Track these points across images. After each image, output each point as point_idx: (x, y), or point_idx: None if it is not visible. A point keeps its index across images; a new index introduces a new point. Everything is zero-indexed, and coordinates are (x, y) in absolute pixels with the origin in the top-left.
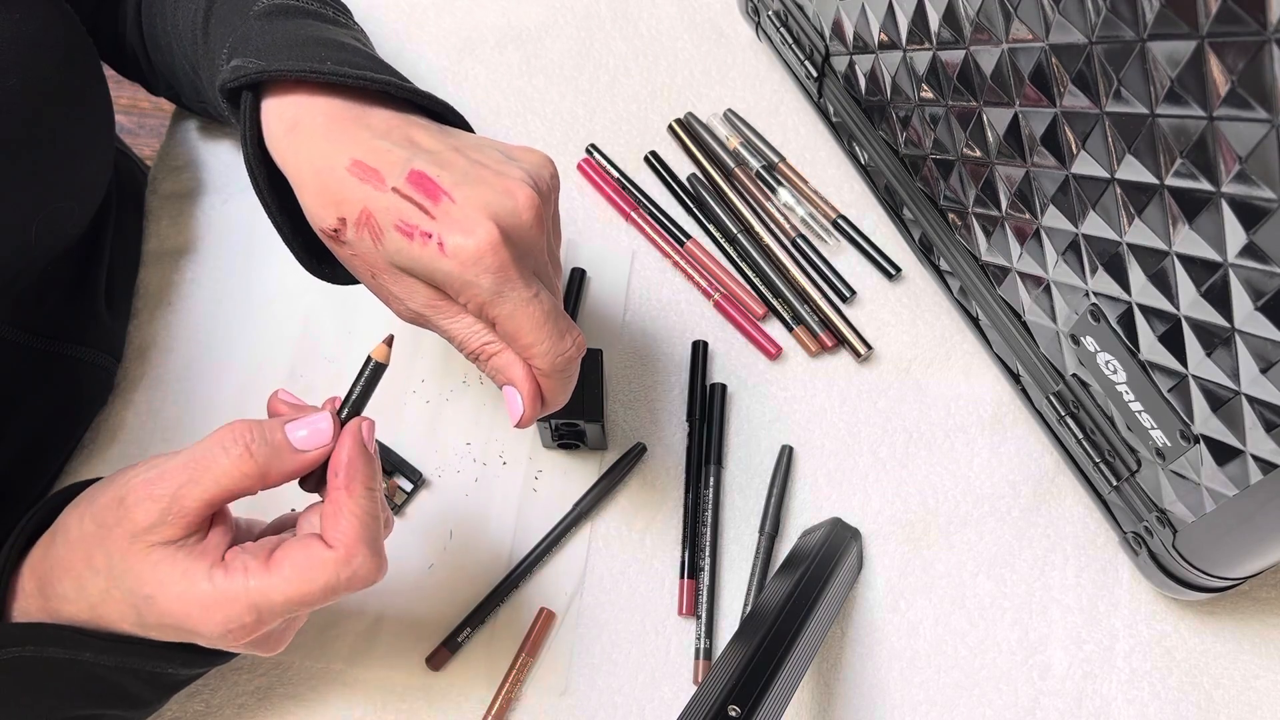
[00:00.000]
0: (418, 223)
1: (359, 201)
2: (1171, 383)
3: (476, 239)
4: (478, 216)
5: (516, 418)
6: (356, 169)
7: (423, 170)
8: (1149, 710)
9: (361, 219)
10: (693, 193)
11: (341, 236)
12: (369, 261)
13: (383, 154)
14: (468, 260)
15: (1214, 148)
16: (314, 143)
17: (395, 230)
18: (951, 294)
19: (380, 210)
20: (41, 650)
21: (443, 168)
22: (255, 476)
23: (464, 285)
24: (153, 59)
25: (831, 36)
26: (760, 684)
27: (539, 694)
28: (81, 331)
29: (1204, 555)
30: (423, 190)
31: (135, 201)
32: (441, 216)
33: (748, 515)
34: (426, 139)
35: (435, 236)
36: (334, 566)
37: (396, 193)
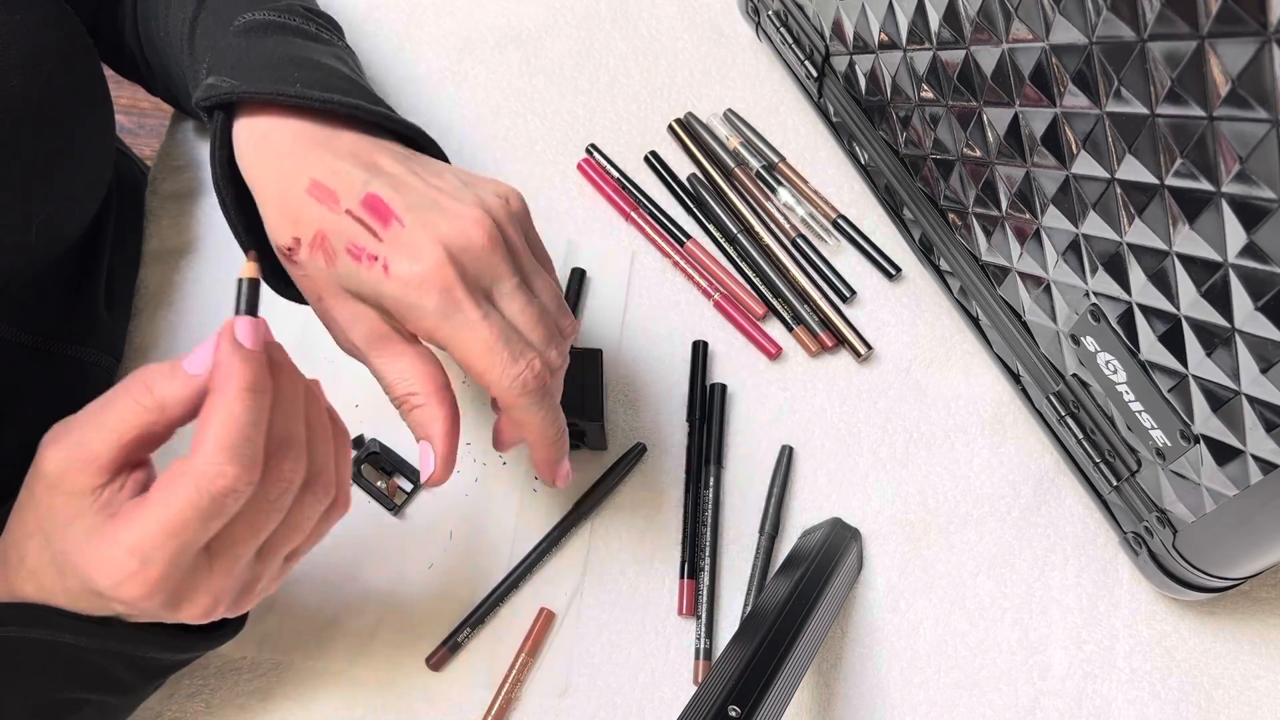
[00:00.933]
0: (365, 245)
1: (315, 222)
2: (1172, 383)
3: (422, 263)
4: (426, 240)
5: (425, 475)
6: (315, 190)
7: (377, 194)
8: (1149, 710)
9: (316, 240)
10: (693, 193)
11: (295, 256)
12: (318, 284)
13: (341, 176)
14: (411, 283)
15: (1214, 148)
16: (278, 161)
17: (346, 253)
18: (951, 294)
19: (333, 233)
20: (24, 631)
21: (398, 191)
22: (155, 409)
23: (409, 309)
24: (150, 61)
25: (831, 36)
26: (760, 684)
27: (539, 694)
28: (81, 331)
29: (1204, 555)
30: (375, 214)
31: (135, 201)
32: (389, 240)
33: (748, 515)
34: (389, 163)
35: (381, 259)
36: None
37: (350, 215)
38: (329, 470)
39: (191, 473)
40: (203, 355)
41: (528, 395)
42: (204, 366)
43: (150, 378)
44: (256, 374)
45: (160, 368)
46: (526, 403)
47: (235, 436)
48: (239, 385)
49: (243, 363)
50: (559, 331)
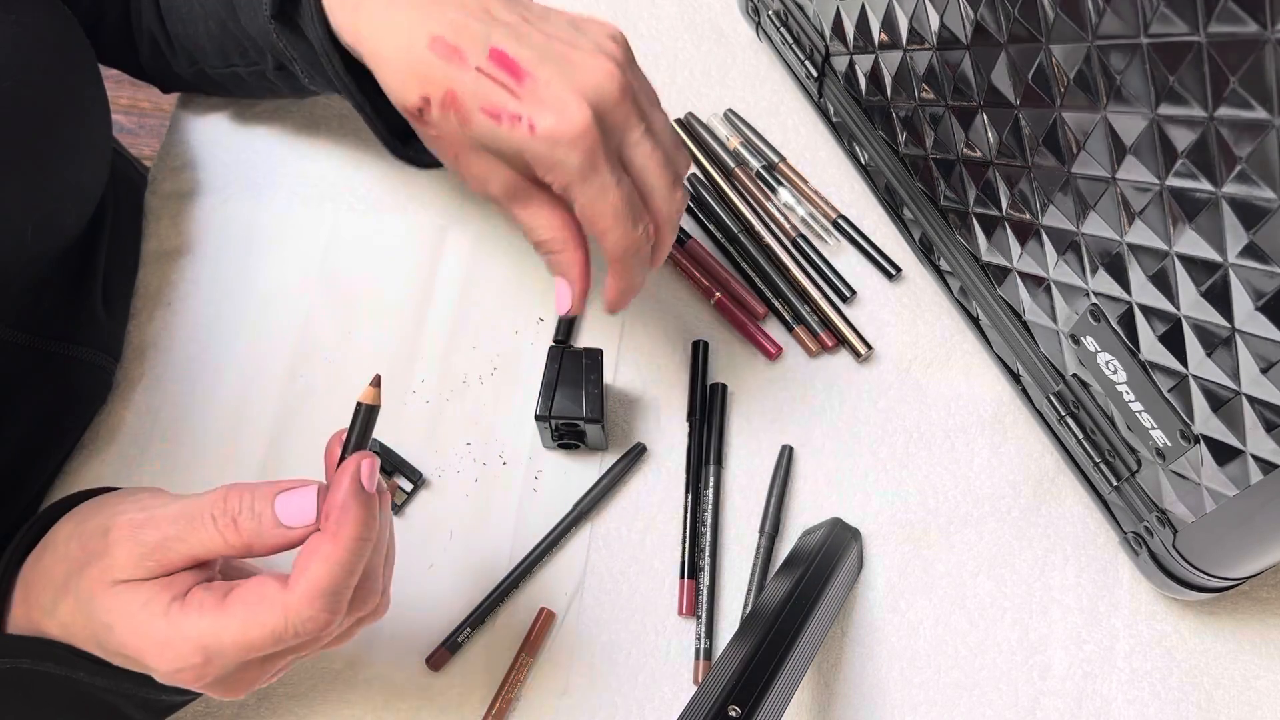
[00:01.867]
0: (505, 105)
1: (443, 81)
2: (1172, 383)
3: (570, 119)
4: (567, 95)
5: (563, 308)
6: (437, 46)
7: (502, 48)
8: (1149, 710)
9: (447, 100)
10: (693, 193)
11: (426, 116)
12: (452, 142)
13: (461, 28)
14: (560, 140)
15: (1214, 148)
16: (388, 16)
17: (482, 113)
18: (951, 294)
19: (466, 92)
20: (38, 664)
21: (520, 43)
22: (240, 548)
23: (553, 164)
24: (171, 32)
25: (832, 36)
26: (760, 684)
27: (539, 694)
28: (78, 331)
29: (1204, 555)
30: (505, 68)
31: (132, 202)
32: (528, 97)
33: (748, 515)
34: (499, 8)
35: (525, 119)
36: (282, 610)
37: (480, 72)
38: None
39: (284, 607)
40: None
41: (637, 257)
42: (299, 521)
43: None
44: (371, 525)
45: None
46: (636, 261)
47: (338, 585)
48: (353, 535)
49: (361, 510)
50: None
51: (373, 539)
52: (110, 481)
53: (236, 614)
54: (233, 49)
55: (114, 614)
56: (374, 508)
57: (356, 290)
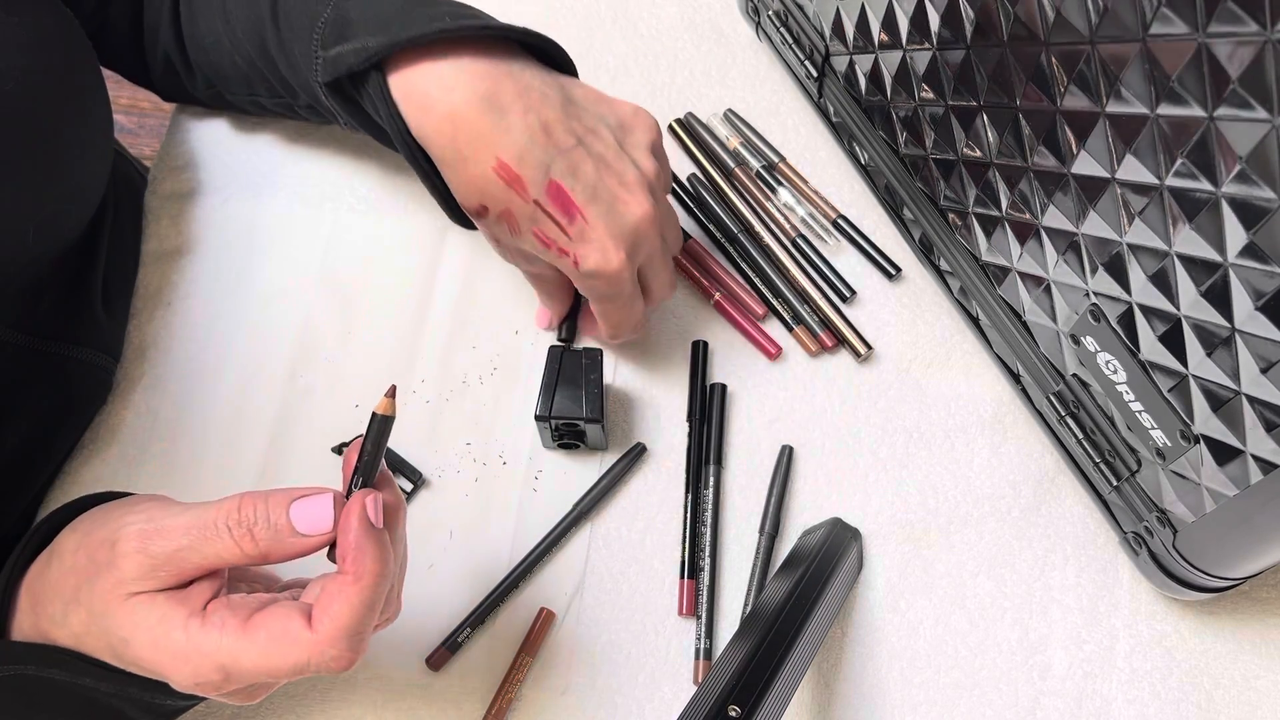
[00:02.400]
0: (556, 240)
1: (503, 202)
2: (1172, 383)
3: (609, 263)
4: (610, 241)
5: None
6: (501, 170)
7: (560, 183)
8: (1149, 710)
9: (504, 215)
10: (693, 193)
11: (483, 217)
12: (499, 241)
13: (525, 159)
14: (598, 277)
15: (1214, 147)
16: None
17: (533, 236)
18: (951, 294)
19: (523, 217)
20: (43, 670)
21: (576, 178)
22: (257, 558)
23: (587, 289)
24: (192, 59)
25: (831, 36)
26: (760, 684)
27: (539, 694)
28: (78, 331)
29: (1204, 555)
30: (559, 206)
31: (132, 202)
32: (577, 238)
33: (748, 515)
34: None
35: (571, 255)
36: (308, 650)
37: (538, 206)
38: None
39: (309, 645)
40: (316, 515)
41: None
42: (316, 529)
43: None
44: (388, 560)
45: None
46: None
47: (360, 625)
48: (374, 573)
49: (376, 548)
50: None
51: (390, 573)
52: (110, 481)
53: (259, 641)
54: (259, 83)
55: (130, 628)
56: (387, 542)
57: (356, 290)
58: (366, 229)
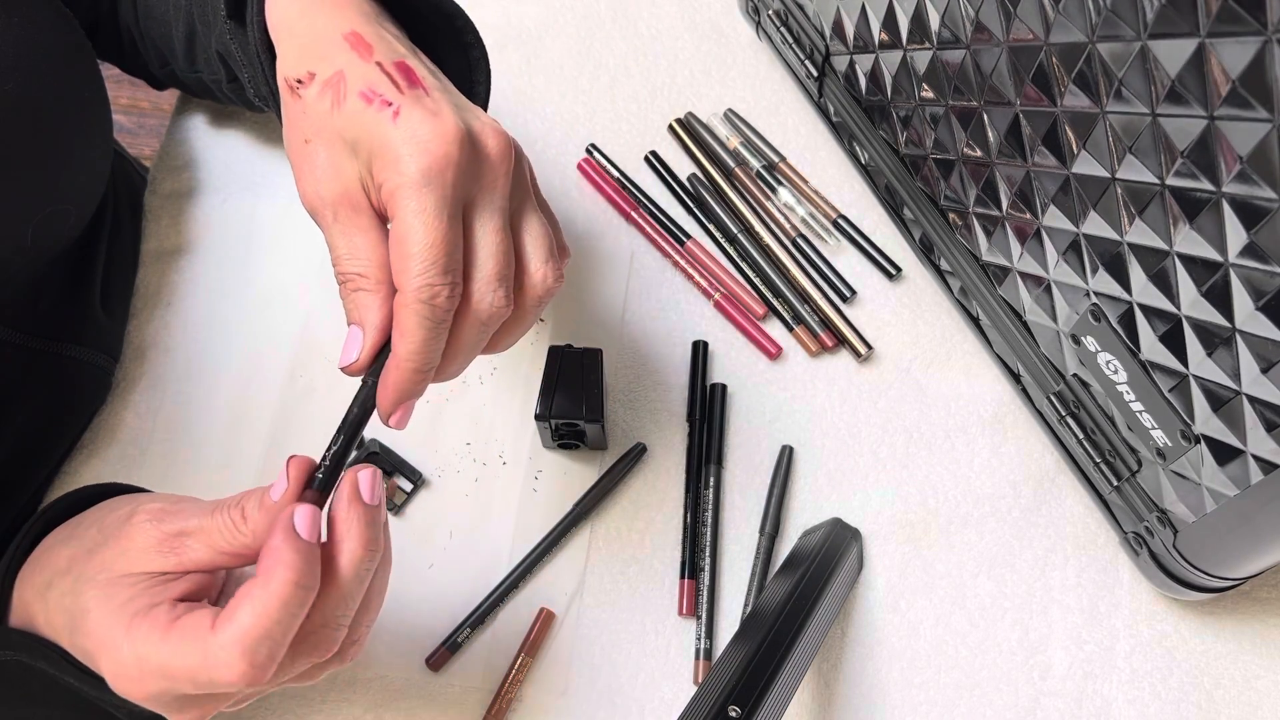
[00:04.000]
0: (384, 92)
1: (338, 65)
2: (1172, 383)
3: (435, 126)
4: (447, 111)
5: (346, 361)
6: (352, 37)
7: (411, 66)
8: (1150, 710)
9: (332, 79)
10: (693, 193)
11: (302, 89)
12: (313, 124)
13: (383, 37)
14: (415, 138)
15: (1215, 147)
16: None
17: (358, 95)
18: (952, 294)
19: (354, 76)
20: (34, 660)
21: (434, 75)
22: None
23: (394, 159)
24: (145, 32)
25: (832, 36)
26: (760, 684)
27: (539, 694)
28: (78, 331)
29: (1205, 555)
30: (404, 74)
31: (131, 202)
32: (409, 94)
33: (748, 515)
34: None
35: (395, 106)
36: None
37: (379, 67)
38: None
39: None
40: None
41: (429, 312)
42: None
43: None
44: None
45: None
46: (421, 316)
47: (261, 634)
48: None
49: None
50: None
51: (312, 587)
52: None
53: (171, 641)
54: (199, 55)
55: (97, 602)
56: (312, 554)
57: None
58: None
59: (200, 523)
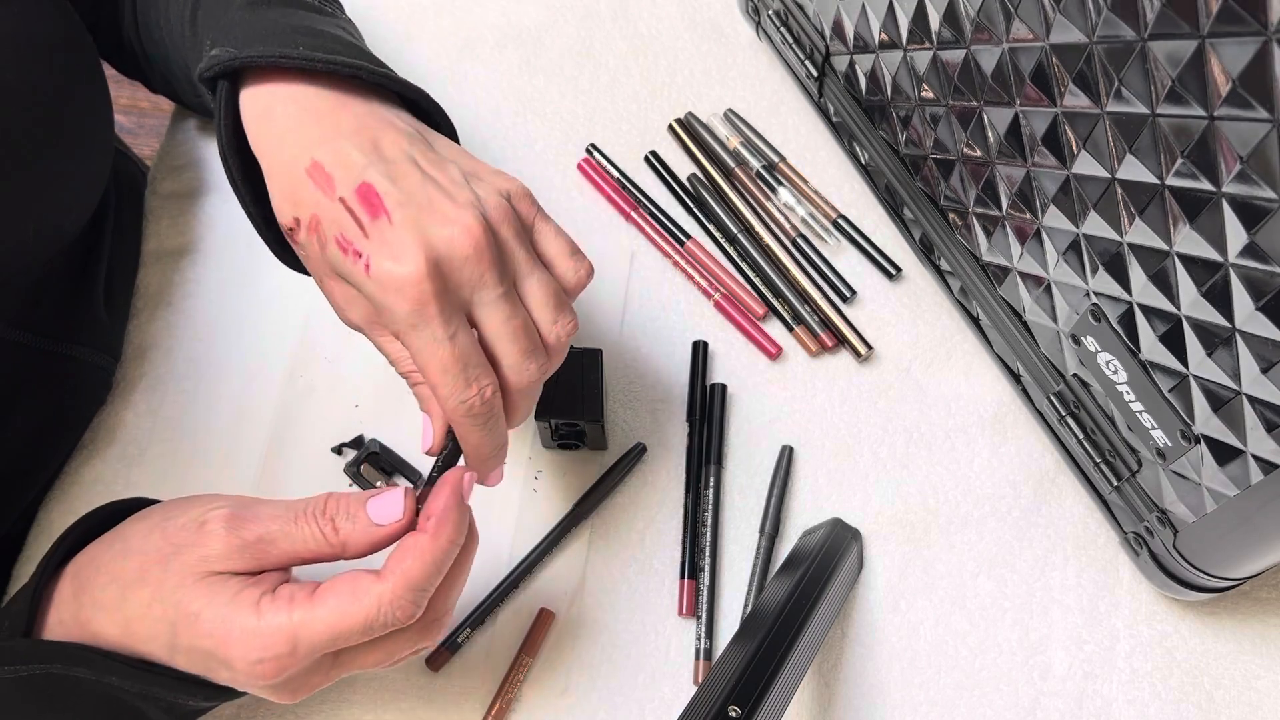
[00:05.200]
0: (352, 240)
1: (310, 206)
2: (1172, 383)
3: (401, 266)
4: (410, 243)
5: (425, 447)
6: (314, 171)
7: (372, 184)
8: (1149, 711)
9: (311, 223)
10: (693, 193)
11: (295, 236)
12: (316, 265)
13: (341, 159)
14: (389, 287)
15: (1215, 147)
16: (284, 135)
17: (334, 242)
18: (952, 294)
19: (327, 220)
20: (69, 669)
21: (394, 182)
22: (337, 547)
23: (382, 309)
24: (148, 53)
25: (832, 36)
26: (760, 684)
27: (539, 694)
28: (79, 331)
29: (1205, 555)
30: (366, 205)
31: (134, 201)
32: (375, 237)
33: (748, 515)
34: (391, 143)
35: (365, 257)
36: (377, 599)
37: (342, 203)
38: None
39: (378, 596)
40: (390, 507)
41: (471, 418)
42: (389, 519)
43: (337, 517)
44: (463, 532)
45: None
46: (468, 423)
47: (426, 580)
48: (449, 537)
49: (459, 517)
50: (543, 342)
51: (459, 545)
52: (110, 481)
53: (329, 603)
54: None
55: (203, 603)
56: (467, 519)
57: None
58: None
59: (283, 529)
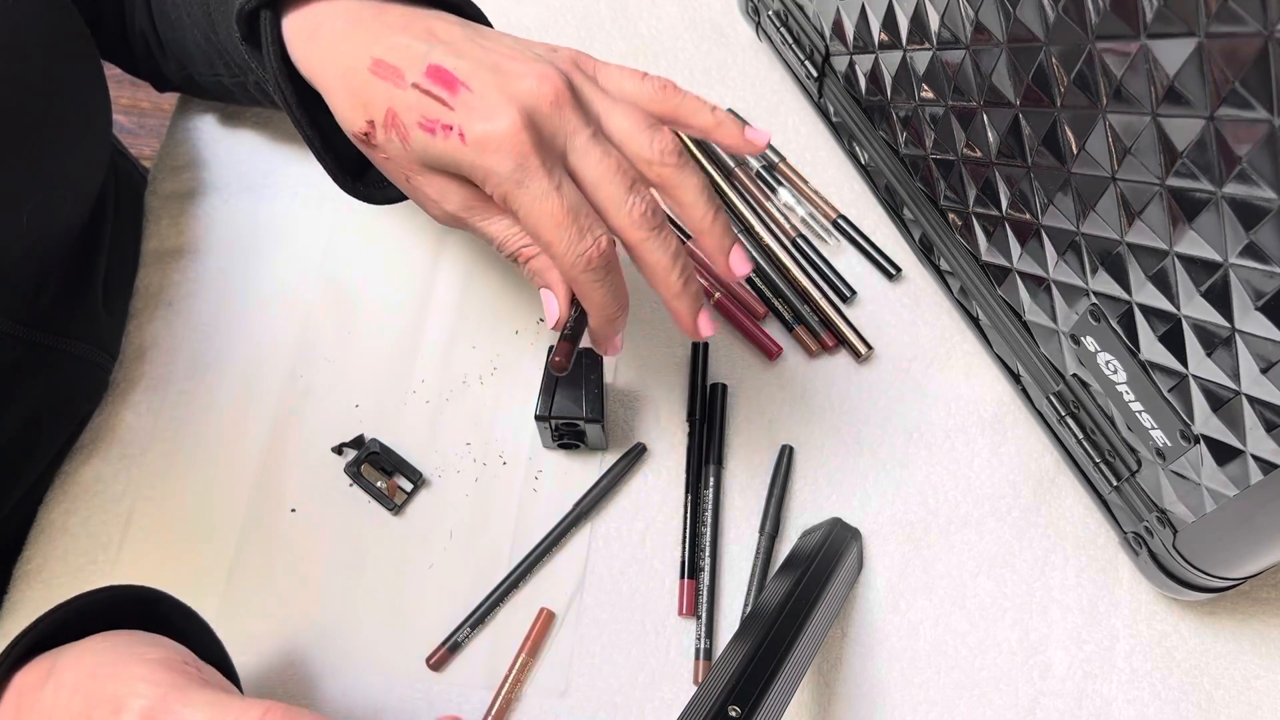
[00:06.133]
0: (438, 116)
1: (384, 101)
2: (1172, 383)
3: (497, 123)
4: (498, 101)
5: (553, 320)
6: (377, 68)
7: (439, 63)
8: (1149, 710)
9: (388, 119)
10: None
11: (372, 139)
12: (401, 164)
13: (402, 50)
14: (488, 147)
15: (1215, 147)
16: (336, 46)
17: (419, 127)
18: (951, 294)
19: (403, 108)
20: None
21: (460, 57)
22: None
23: (486, 174)
24: (163, 37)
25: (832, 36)
26: (760, 684)
27: (539, 694)
28: (78, 327)
29: (1204, 555)
30: (441, 82)
31: (134, 202)
32: (460, 107)
33: (748, 515)
34: (444, 30)
35: (455, 127)
36: None
37: (416, 88)
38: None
39: None
40: None
41: (590, 272)
42: None
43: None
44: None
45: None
46: (589, 278)
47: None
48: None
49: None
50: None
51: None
52: (110, 481)
53: None
54: (217, 59)
55: None
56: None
57: (356, 290)
58: (366, 229)
59: None
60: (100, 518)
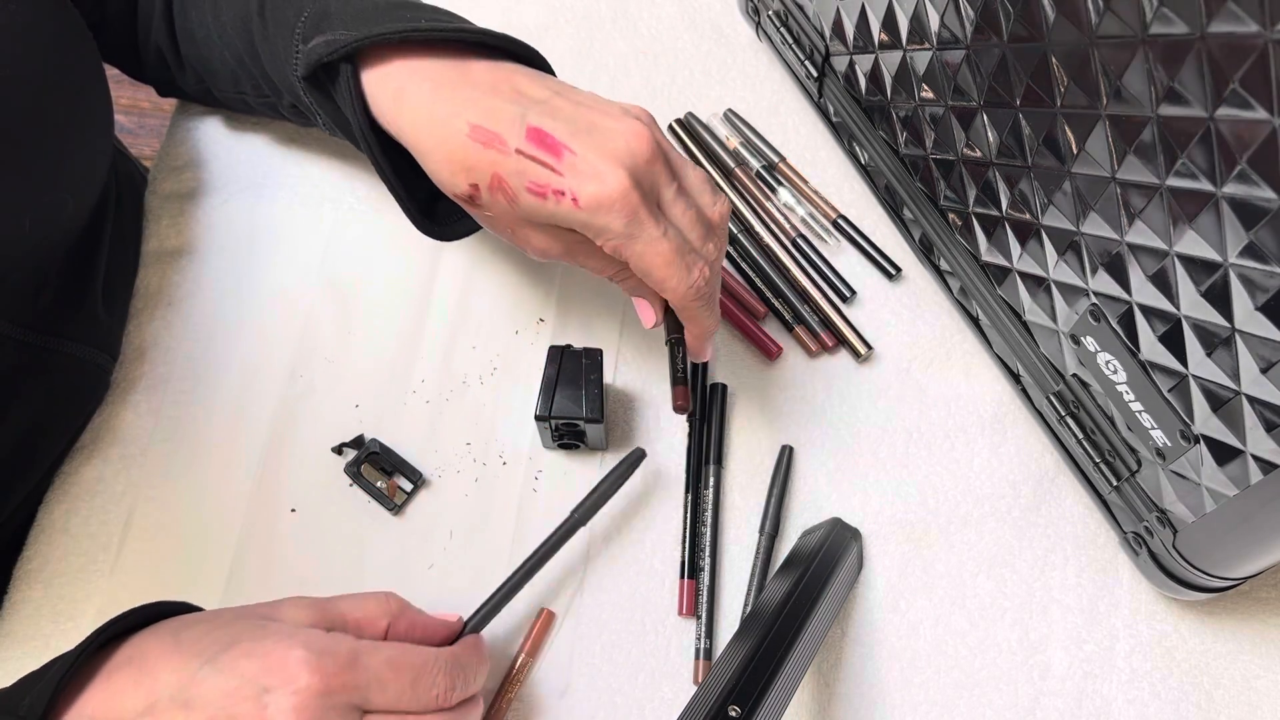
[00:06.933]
0: (548, 182)
1: (488, 167)
2: (1172, 383)
3: (608, 186)
4: (602, 162)
5: (649, 324)
6: (477, 134)
7: (538, 125)
8: (1149, 710)
9: (494, 184)
10: None
11: (477, 200)
12: (505, 220)
13: (497, 114)
14: (602, 209)
15: (1215, 147)
16: (428, 109)
17: (528, 192)
18: (951, 294)
19: (510, 174)
20: None
21: (555, 118)
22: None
23: (599, 231)
24: (184, 53)
25: (831, 36)
26: (760, 684)
27: (539, 694)
28: (78, 328)
29: (1204, 555)
30: (544, 147)
31: (133, 202)
32: (568, 171)
33: (748, 515)
34: (530, 88)
35: (568, 193)
36: None
37: (521, 154)
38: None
39: None
40: None
41: (700, 300)
42: None
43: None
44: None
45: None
46: (698, 306)
47: None
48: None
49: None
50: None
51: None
52: (110, 481)
53: None
54: (245, 80)
55: None
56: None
57: (356, 290)
58: (366, 229)
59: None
60: (100, 518)
